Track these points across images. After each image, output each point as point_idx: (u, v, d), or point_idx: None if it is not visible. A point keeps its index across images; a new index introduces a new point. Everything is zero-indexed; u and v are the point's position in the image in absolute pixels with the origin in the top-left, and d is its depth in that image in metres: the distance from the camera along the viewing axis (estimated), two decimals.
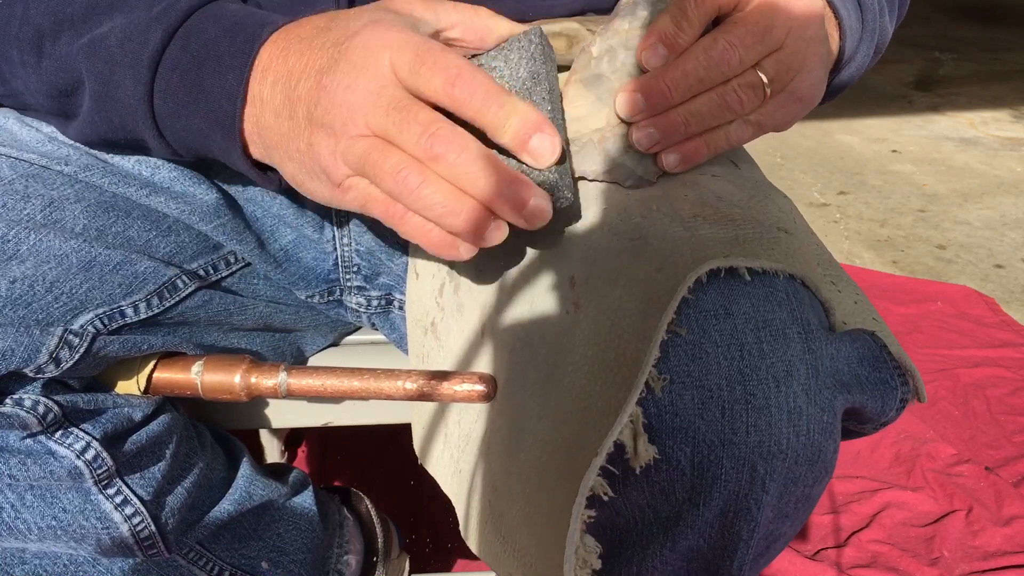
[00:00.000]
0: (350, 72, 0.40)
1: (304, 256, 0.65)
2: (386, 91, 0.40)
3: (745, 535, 0.41)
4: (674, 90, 0.44)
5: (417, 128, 0.39)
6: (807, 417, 0.39)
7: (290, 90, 0.42)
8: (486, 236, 0.42)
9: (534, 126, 0.40)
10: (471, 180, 0.39)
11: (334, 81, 0.40)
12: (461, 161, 0.39)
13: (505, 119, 0.40)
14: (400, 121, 0.39)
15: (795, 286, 0.41)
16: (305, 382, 0.53)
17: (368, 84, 0.40)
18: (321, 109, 0.41)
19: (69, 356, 0.49)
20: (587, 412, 0.40)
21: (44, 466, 0.50)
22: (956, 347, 1.51)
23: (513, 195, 0.40)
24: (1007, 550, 1.08)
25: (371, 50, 0.40)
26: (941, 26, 4.17)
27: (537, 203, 0.40)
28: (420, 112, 0.39)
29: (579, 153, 0.47)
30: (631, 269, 0.41)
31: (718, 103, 0.45)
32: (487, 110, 0.39)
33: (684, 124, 0.45)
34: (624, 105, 0.45)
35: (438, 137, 0.39)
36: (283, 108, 0.43)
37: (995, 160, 2.49)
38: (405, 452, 0.62)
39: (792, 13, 0.46)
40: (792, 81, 0.47)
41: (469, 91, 0.39)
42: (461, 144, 0.39)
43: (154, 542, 0.56)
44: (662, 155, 0.47)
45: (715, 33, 0.45)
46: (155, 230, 0.56)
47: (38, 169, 0.53)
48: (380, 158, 0.40)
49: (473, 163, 0.39)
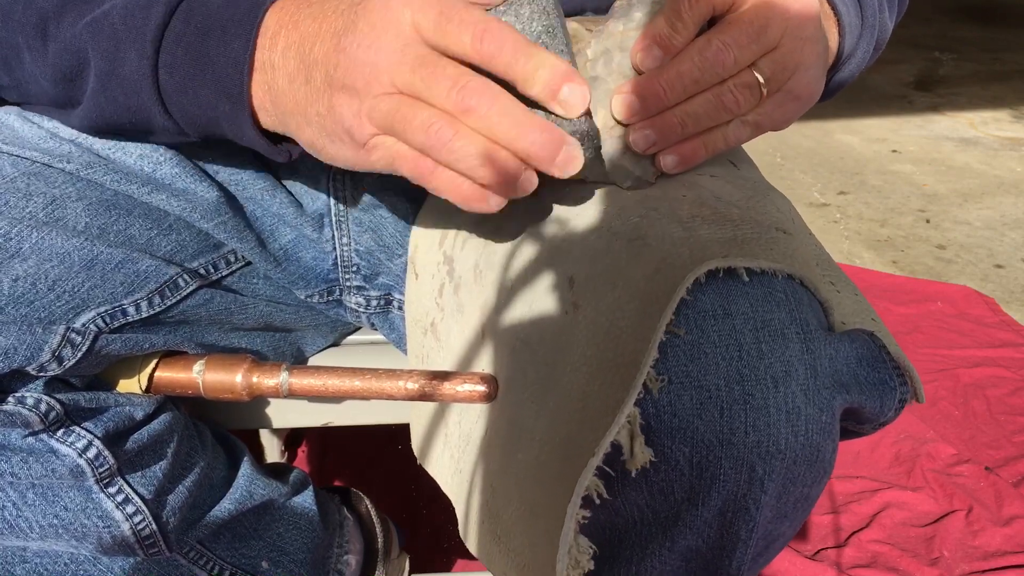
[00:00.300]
0: (370, 32, 0.40)
1: (304, 256, 0.66)
2: (410, 48, 0.39)
3: (744, 535, 0.41)
4: (670, 91, 0.44)
5: (447, 82, 0.39)
6: (805, 417, 0.39)
7: (304, 55, 0.42)
8: (518, 186, 0.41)
9: (564, 76, 0.40)
10: (504, 130, 0.39)
11: (354, 42, 0.40)
12: (493, 112, 0.39)
13: (535, 71, 0.39)
14: (428, 76, 0.39)
15: (794, 286, 0.41)
16: (307, 382, 0.53)
17: (391, 42, 0.39)
18: (342, 71, 0.40)
19: (71, 354, 0.49)
20: (585, 412, 0.40)
21: (46, 464, 0.50)
22: (956, 347, 1.51)
23: (547, 143, 0.40)
24: (1007, 550, 1.08)
25: (391, 9, 0.39)
26: (941, 26, 4.17)
27: (569, 151, 0.40)
28: (448, 67, 0.39)
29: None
30: (630, 269, 0.42)
31: (714, 104, 0.45)
32: (516, 63, 0.39)
33: (681, 125, 0.45)
34: (620, 107, 0.45)
35: (469, 89, 0.39)
36: (298, 73, 0.42)
37: (995, 160, 2.49)
38: (405, 452, 0.62)
39: (788, 12, 0.46)
40: (789, 80, 0.47)
41: (498, 45, 0.39)
42: (492, 96, 0.39)
43: (155, 541, 0.56)
44: (660, 156, 0.47)
45: (709, 34, 0.45)
46: (156, 228, 0.56)
47: (40, 167, 0.53)
48: (409, 113, 0.40)
49: (505, 113, 0.39)
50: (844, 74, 0.55)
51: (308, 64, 0.42)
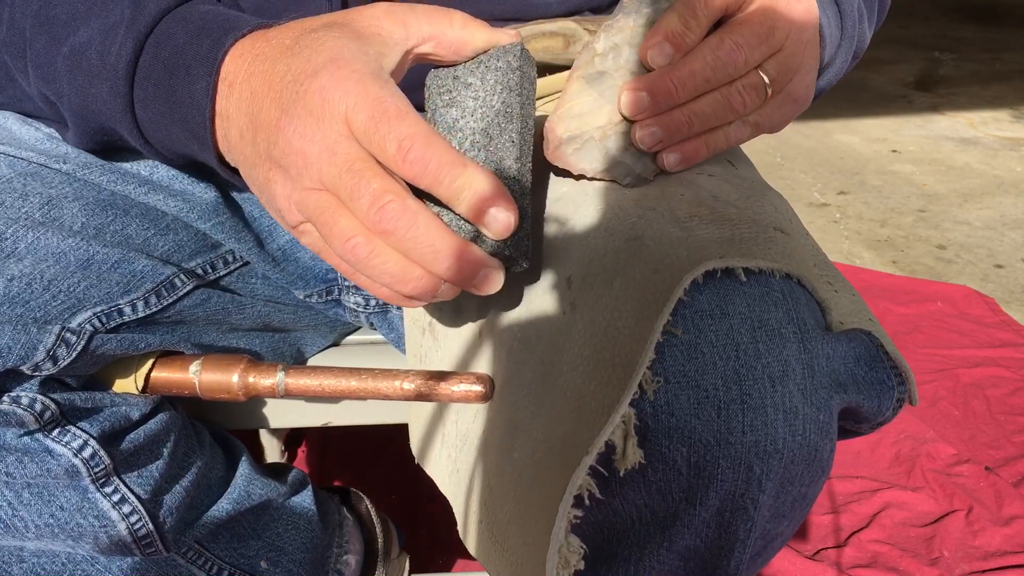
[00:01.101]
0: (307, 119, 0.39)
1: (302, 255, 0.66)
2: (341, 147, 0.38)
3: (742, 535, 0.41)
4: (681, 89, 0.44)
5: (368, 198, 0.38)
6: (803, 417, 0.39)
7: (253, 115, 0.41)
8: (438, 295, 0.41)
9: (489, 200, 0.39)
10: (419, 255, 0.39)
11: (291, 125, 0.39)
12: (409, 237, 0.38)
13: (459, 192, 0.39)
14: (352, 186, 0.38)
15: (791, 286, 0.41)
16: (303, 382, 0.53)
17: (324, 136, 0.38)
18: (279, 150, 0.40)
19: (66, 354, 0.49)
20: (581, 412, 0.40)
21: (41, 464, 0.50)
22: (956, 347, 1.51)
23: (463, 268, 0.39)
24: (1007, 550, 1.08)
25: (328, 100, 0.38)
26: (941, 26, 4.17)
27: (487, 273, 0.40)
28: (372, 180, 0.38)
29: (580, 150, 0.46)
30: (627, 270, 0.41)
31: (722, 103, 0.45)
32: (440, 183, 0.39)
33: (688, 124, 0.45)
34: (629, 103, 0.45)
35: (387, 211, 0.38)
36: (247, 131, 0.42)
37: (995, 160, 2.49)
38: (405, 452, 0.62)
39: (792, 15, 0.46)
40: (789, 83, 0.47)
41: (422, 164, 0.38)
42: (410, 220, 0.38)
43: (152, 541, 0.56)
44: (662, 154, 0.47)
45: (721, 33, 0.45)
46: (153, 228, 0.56)
47: (36, 167, 0.53)
48: (331, 220, 0.39)
49: (421, 239, 0.38)
50: (822, 83, 0.55)
51: (255, 126, 0.41)
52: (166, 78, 0.44)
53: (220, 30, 0.44)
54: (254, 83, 0.41)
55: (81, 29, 0.46)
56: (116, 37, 0.45)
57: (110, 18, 0.46)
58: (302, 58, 0.40)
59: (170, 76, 0.44)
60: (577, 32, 0.50)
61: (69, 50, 0.46)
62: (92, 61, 0.45)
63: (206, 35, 0.44)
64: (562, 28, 0.50)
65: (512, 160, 0.42)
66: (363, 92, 0.38)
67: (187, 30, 0.44)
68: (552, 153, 0.47)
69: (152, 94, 0.45)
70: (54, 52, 0.47)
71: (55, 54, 0.47)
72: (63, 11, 0.47)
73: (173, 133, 0.46)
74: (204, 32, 0.44)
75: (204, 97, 0.43)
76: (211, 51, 0.43)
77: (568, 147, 0.46)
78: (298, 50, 0.41)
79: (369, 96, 0.38)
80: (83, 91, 0.46)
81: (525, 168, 0.43)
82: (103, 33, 0.45)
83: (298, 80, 0.39)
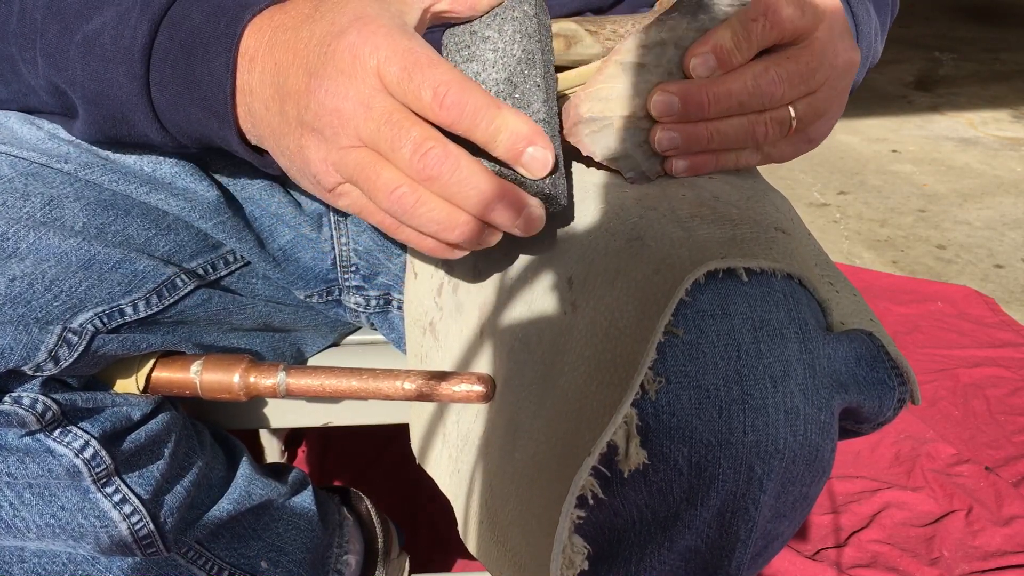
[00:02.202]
0: (338, 78, 0.39)
1: (302, 256, 0.66)
2: (376, 101, 0.39)
3: (743, 535, 0.41)
4: (713, 106, 0.44)
5: (409, 146, 0.38)
6: (804, 417, 0.39)
7: (279, 85, 0.42)
8: (482, 242, 0.42)
9: (526, 140, 0.40)
10: (464, 198, 0.40)
11: (322, 86, 0.39)
12: (454, 181, 0.39)
13: (496, 134, 0.39)
14: (392, 138, 0.39)
15: (792, 286, 0.41)
16: (304, 382, 0.53)
17: (358, 92, 0.39)
18: (311, 114, 0.40)
19: (68, 354, 0.49)
20: (582, 412, 0.40)
21: (42, 464, 0.50)
22: (956, 347, 1.51)
23: (507, 208, 0.40)
24: (1007, 550, 1.08)
25: (358, 56, 0.39)
26: (941, 26, 4.17)
27: (530, 213, 0.41)
28: (412, 128, 0.39)
29: (596, 133, 0.46)
30: (629, 270, 0.41)
31: (747, 130, 0.46)
32: (476, 127, 0.39)
33: (708, 139, 0.45)
34: (659, 104, 0.45)
35: (430, 157, 0.38)
36: (273, 102, 0.42)
37: (995, 160, 2.49)
38: (405, 452, 0.62)
39: (836, 61, 0.46)
40: (812, 125, 0.47)
41: (458, 109, 0.38)
42: (453, 164, 0.39)
43: (153, 541, 0.56)
44: (673, 159, 0.47)
45: (767, 62, 0.45)
46: (154, 228, 0.56)
47: (38, 167, 0.53)
48: (373, 174, 0.40)
49: (465, 182, 0.39)
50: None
51: (282, 96, 0.41)
52: (183, 58, 0.44)
53: (237, 6, 0.44)
54: (277, 54, 0.42)
55: (95, 17, 0.46)
56: (130, 20, 0.45)
57: (123, 4, 0.46)
58: (326, 21, 0.40)
59: (188, 56, 0.44)
60: (578, 33, 0.50)
61: (82, 37, 0.46)
62: (106, 46, 0.45)
63: (223, 13, 0.44)
64: (563, 29, 0.50)
65: (540, 103, 0.42)
66: (393, 45, 0.38)
67: (203, 9, 0.44)
68: (568, 129, 0.46)
69: (169, 76, 0.45)
70: (67, 40, 0.47)
71: (68, 42, 0.47)
72: (74, 1, 0.47)
73: (192, 114, 0.46)
74: (221, 10, 0.44)
75: (224, 73, 0.43)
76: (229, 27, 0.43)
77: (586, 127, 0.46)
78: (319, 15, 0.41)
79: (399, 48, 0.38)
80: (98, 76, 0.46)
81: (553, 111, 0.43)
82: (117, 18, 0.46)
83: (325, 42, 0.40)
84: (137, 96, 0.46)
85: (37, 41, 0.48)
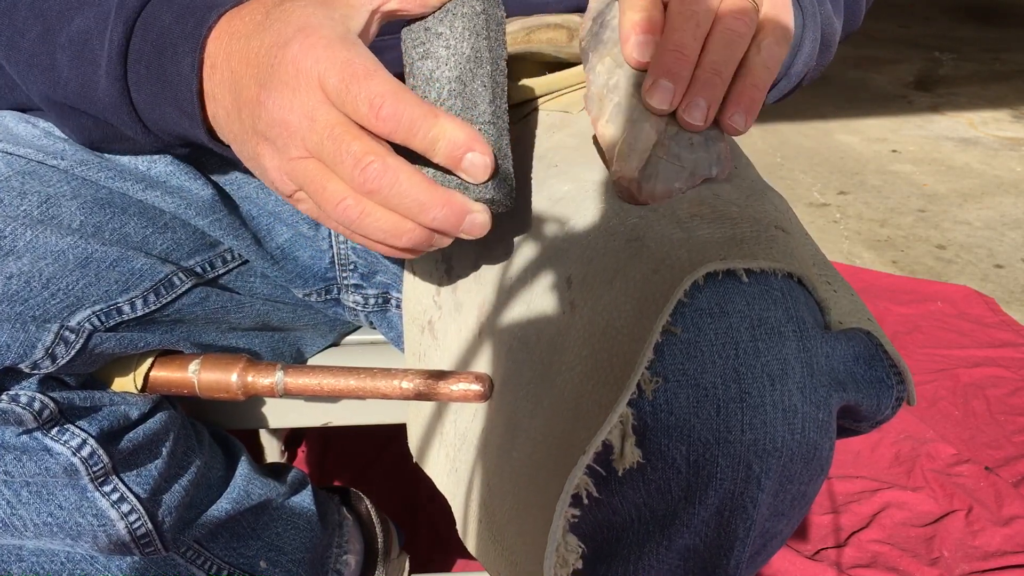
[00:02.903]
0: (283, 90, 0.40)
1: (301, 254, 0.66)
2: (320, 114, 0.39)
3: (741, 533, 0.41)
4: (684, 48, 0.43)
5: (350, 161, 0.39)
6: (802, 415, 0.38)
7: (236, 94, 0.42)
8: (435, 244, 0.43)
9: (464, 147, 0.40)
10: (406, 209, 0.40)
11: (270, 98, 0.40)
12: (394, 194, 0.40)
13: (434, 143, 0.40)
14: (333, 151, 0.39)
15: (791, 284, 0.41)
16: (302, 381, 0.53)
17: (303, 104, 0.39)
18: (263, 123, 0.41)
19: (65, 352, 0.49)
20: (579, 411, 0.40)
21: (40, 463, 0.50)
22: (956, 347, 1.51)
23: (449, 217, 0.41)
24: (1007, 550, 1.08)
25: (300, 69, 0.39)
26: (941, 26, 4.17)
27: (473, 219, 0.42)
28: (352, 143, 0.39)
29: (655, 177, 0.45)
30: (628, 270, 0.41)
31: (727, 37, 0.44)
32: (414, 137, 0.40)
33: (715, 73, 0.44)
34: (658, 96, 0.44)
35: (369, 172, 0.39)
36: (232, 110, 0.43)
37: (995, 160, 2.49)
38: (405, 452, 0.62)
39: None
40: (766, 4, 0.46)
41: (394, 120, 0.39)
42: (392, 178, 0.39)
43: (151, 540, 0.56)
44: (724, 120, 0.45)
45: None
46: (151, 227, 0.56)
47: (35, 165, 0.53)
48: (320, 187, 0.41)
49: (405, 194, 0.40)
50: (798, 66, 0.55)
51: (239, 105, 0.42)
52: (156, 59, 0.45)
53: (204, 7, 0.45)
54: (233, 63, 0.42)
55: (76, 18, 0.47)
56: (108, 22, 0.46)
57: (104, 5, 0.46)
58: (273, 32, 0.41)
59: (159, 56, 0.45)
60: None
61: (67, 39, 0.47)
62: (91, 47, 0.46)
63: (191, 13, 0.45)
64: (566, 21, 0.50)
65: (486, 104, 0.43)
66: (331, 56, 0.39)
67: (172, 10, 0.45)
68: (641, 198, 0.45)
69: (144, 76, 0.46)
70: (51, 42, 0.47)
71: (52, 44, 0.47)
72: (56, 2, 0.48)
73: (167, 113, 0.46)
74: (189, 11, 0.45)
75: (191, 75, 0.44)
76: (196, 28, 0.44)
77: (647, 182, 0.44)
78: (268, 24, 0.41)
79: (338, 59, 0.39)
80: (83, 78, 0.47)
81: (500, 110, 0.44)
82: (97, 20, 0.46)
83: (272, 53, 0.40)
84: (119, 96, 0.46)
85: (21, 43, 0.48)
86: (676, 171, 0.45)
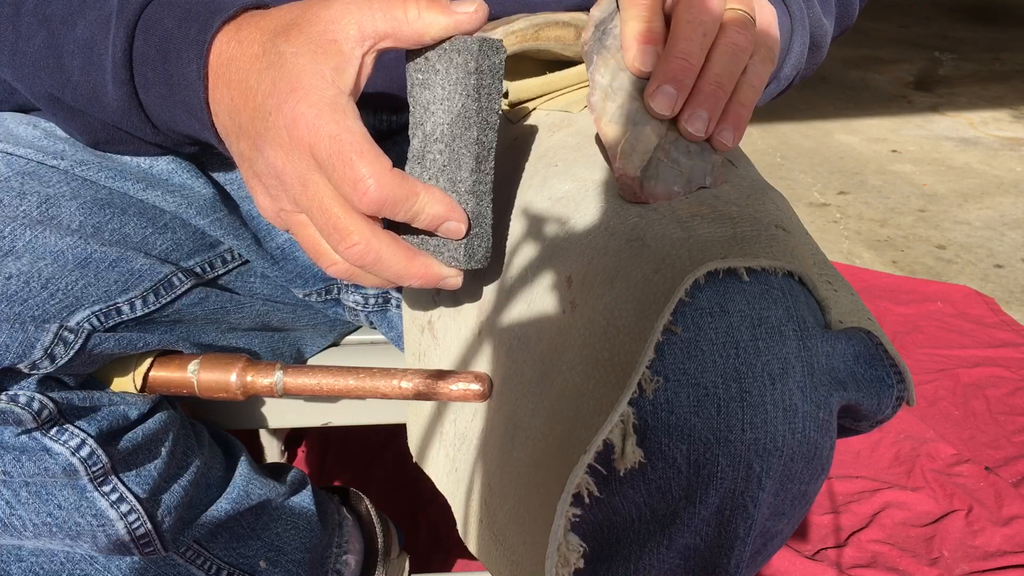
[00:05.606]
0: (278, 151, 0.41)
1: (300, 254, 0.65)
2: (311, 180, 0.41)
3: (742, 533, 0.41)
4: (689, 56, 0.43)
5: (336, 236, 0.42)
6: (803, 414, 0.38)
7: (235, 121, 0.44)
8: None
9: (442, 218, 0.44)
10: (390, 277, 0.44)
11: (266, 151, 0.42)
12: (376, 269, 0.44)
13: (415, 216, 0.43)
14: (323, 223, 0.42)
15: (791, 283, 0.41)
16: (301, 381, 0.52)
17: (295, 168, 0.41)
18: (260, 167, 0.43)
19: (64, 353, 0.49)
20: (579, 411, 0.40)
21: (39, 463, 0.50)
22: (956, 347, 1.51)
23: (426, 282, 0.45)
24: (1007, 550, 1.08)
25: (293, 136, 0.40)
26: (941, 26, 4.17)
27: (447, 281, 0.46)
28: (340, 219, 0.41)
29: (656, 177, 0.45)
30: (628, 269, 0.41)
31: (730, 50, 0.44)
32: (396, 214, 0.42)
33: (717, 86, 0.44)
34: (662, 102, 0.44)
35: (352, 252, 0.42)
36: (231, 133, 0.44)
37: (995, 160, 2.49)
38: (405, 452, 0.62)
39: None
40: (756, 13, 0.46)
41: (379, 203, 0.41)
42: (375, 256, 0.43)
43: (150, 540, 0.56)
44: (716, 137, 0.45)
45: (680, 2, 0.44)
46: (151, 227, 0.56)
47: (34, 166, 0.53)
48: (312, 243, 0.44)
49: (386, 270, 0.44)
50: (786, 71, 0.55)
51: (238, 132, 0.44)
52: (161, 62, 0.45)
53: (207, 12, 0.45)
54: (233, 91, 0.43)
55: (79, 23, 0.47)
56: (110, 26, 0.46)
57: (104, 9, 0.46)
58: (268, 80, 0.41)
59: (164, 60, 0.45)
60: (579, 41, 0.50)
61: (74, 45, 0.47)
62: (97, 52, 0.47)
63: (193, 19, 0.45)
64: (574, 19, 0.50)
65: (468, 172, 0.45)
66: (320, 129, 0.40)
67: (174, 14, 0.45)
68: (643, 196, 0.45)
69: (152, 79, 0.46)
70: (57, 47, 0.47)
71: (59, 49, 0.47)
72: (60, 7, 0.48)
73: (177, 115, 0.47)
74: (191, 15, 0.45)
75: (197, 82, 0.44)
76: (200, 34, 0.44)
77: (648, 182, 0.45)
78: (263, 67, 0.42)
79: (325, 135, 0.40)
80: (92, 83, 0.47)
81: (483, 173, 0.45)
82: (100, 25, 0.46)
83: (266, 109, 0.42)
84: (128, 98, 0.47)
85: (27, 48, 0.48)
86: (675, 175, 0.45)
